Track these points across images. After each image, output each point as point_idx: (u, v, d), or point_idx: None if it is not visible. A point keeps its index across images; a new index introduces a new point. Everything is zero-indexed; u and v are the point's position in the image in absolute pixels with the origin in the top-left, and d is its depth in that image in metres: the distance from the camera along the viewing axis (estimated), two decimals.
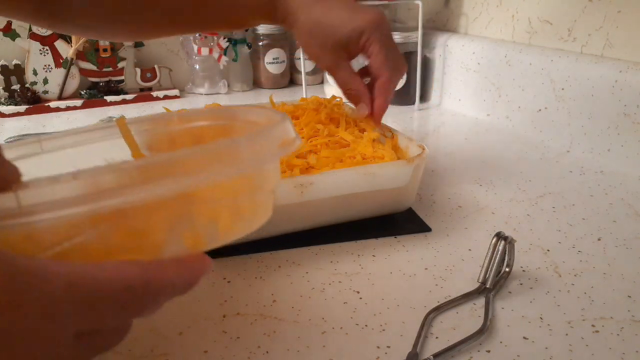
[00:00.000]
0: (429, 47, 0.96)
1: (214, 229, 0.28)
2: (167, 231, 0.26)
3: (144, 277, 0.24)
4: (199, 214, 0.27)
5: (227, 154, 0.26)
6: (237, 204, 0.29)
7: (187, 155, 0.25)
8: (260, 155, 0.28)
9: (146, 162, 0.25)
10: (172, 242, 0.26)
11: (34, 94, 0.95)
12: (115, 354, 0.34)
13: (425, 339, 0.35)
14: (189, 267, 0.26)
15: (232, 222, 0.29)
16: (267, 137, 0.29)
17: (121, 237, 0.25)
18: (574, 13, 0.72)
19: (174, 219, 0.26)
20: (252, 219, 0.31)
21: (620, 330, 0.36)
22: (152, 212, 0.25)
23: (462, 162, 0.68)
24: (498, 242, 0.41)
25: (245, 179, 0.29)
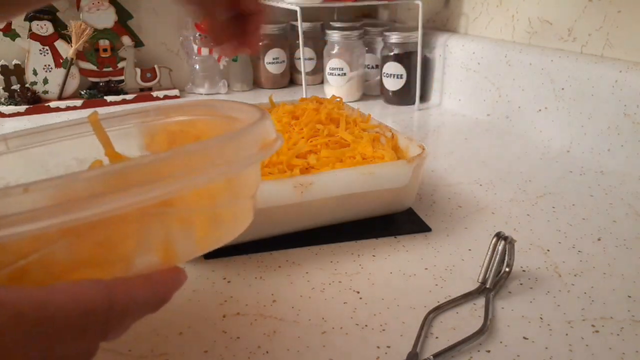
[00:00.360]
0: (429, 47, 0.96)
1: (189, 240, 0.26)
2: (137, 242, 0.24)
3: (106, 298, 0.21)
4: (171, 224, 0.25)
5: (203, 158, 0.24)
6: (214, 211, 0.27)
7: (159, 160, 0.23)
8: (238, 158, 0.26)
9: (115, 169, 0.23)
10: (143, 254, 0.25)
11: (34, 94, 0.95)
12: (115, 354, 0.34)
13: (425, 339, 0.35)
14: (159, 283, 0.24)
15: (208, 231, 0.27)
16: (246, 139, 0.27)
17: (88, 250, 0.23)
18: (574, 13, 0.72)
19: (144, 230, 0.24)
20: (231, 227, 0.29)
21: (620, 330, 0.36)
22: (121, 222, 0.23)
23: (462, 162, 0.68)
24: (498, 242, 0.41)
25: (223, 185, 0.27)
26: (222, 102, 0.36)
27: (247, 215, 0.31)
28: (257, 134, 0.27)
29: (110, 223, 0.23)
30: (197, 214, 0.26)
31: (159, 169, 0.23)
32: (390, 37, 0.92)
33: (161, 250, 0.25)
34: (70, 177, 0.22)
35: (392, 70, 0.93)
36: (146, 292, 0.23)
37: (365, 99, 1.01)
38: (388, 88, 0.95)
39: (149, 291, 0.23)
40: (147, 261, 0.25)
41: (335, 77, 0.97)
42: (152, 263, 0.25)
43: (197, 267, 0.44)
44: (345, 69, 0.96)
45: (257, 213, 0.43)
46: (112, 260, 0.24)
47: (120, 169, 0.22)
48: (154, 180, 0.22)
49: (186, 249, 0.26)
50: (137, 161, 0.23)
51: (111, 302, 0.22)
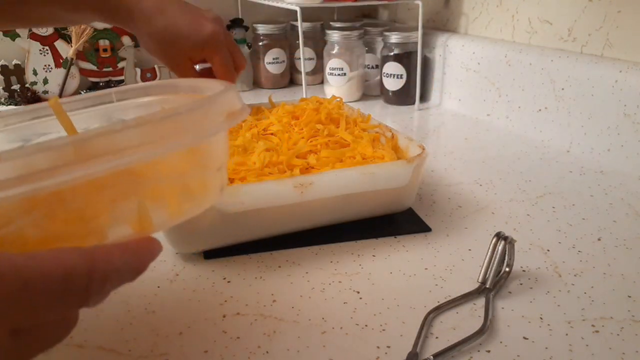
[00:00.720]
0: (429, 47, 0.96)
1: (160, 210, 0.26)
2: (109, 214, 0.24)
3: (86, 264, 0.22)
4: (143, 194, 0.25)
5: (169, 127, 0.24)
6: (183, 182, 0.27)
7: (125, 128, 0.23)
8: (204, 126, 0.26)
9: (80, 138, 0.22)
10: (116, 226, 0.25)
11: (34, 94, 0.95)
12: (115, 354, 0.35)
13: (425, 339, 0.35)
14: (136, 251, 0.24)
15: (179, 202, 0.27)
16: (211, 107, 0.26)
17: (58, 224, 0.23)
18: (574, 13, 0.72)
19: (115, 201, 0.24)
20: (201, 198, 0.29)
21: (620, 330, 0.36)
22: (91, 193, 0.23)
23: (462, 162, 0.68)
24: (498, 242, 0.41)
25: (190, 154, 0.27)
26: (185, 80, 0.37)
27: (217, 186, 0.31)
28: (221, 104, 0.27)
29: (79, 195, 0.23)
30: (165, 184, 0.26)
31: (124, 138, 0.22)
32: (390, 37, 0.92)
33: (133, 221, 0.25)
34: (34, 147, 0.21)
35: (392, 70, 0.93)
36: (124, 258, 0.23)
37: (365, 99, 1.01)
38: (388, 88, 0.95)
39: (126, 257, 0.24)
40: (120, 233, 0.25)
41: (335, 77, 0.97)
42: (125, 235, 0.25)
43: (197, 267, 0.44)
44: (345, 69, 0.96)
45: (257, 213, 0.44)
46: (84, 234, 0.24)
47: (85, 137, 0.22)
48: (119, 149, 0.22)
49: (158, 220, 0.26)
50: (103, 130, 0.22)
51: (91, 266, 0.22)
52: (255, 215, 0.44)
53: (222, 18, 0.56)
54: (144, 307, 0.39)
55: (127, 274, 0.24)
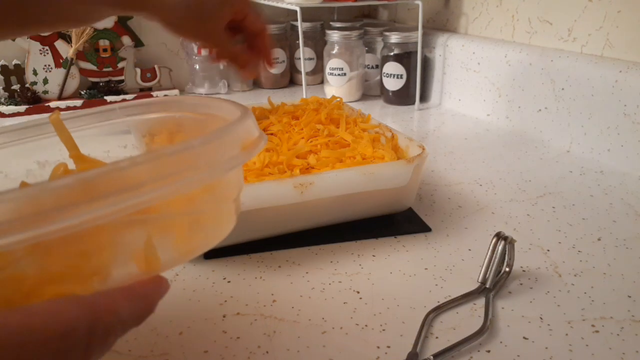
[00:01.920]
0: (429, 47, 0.96)
1: (169, 247, 0.25)
2: (113, 252, 0.23)
3: (87, 318, 0.20)
4: (150, 232, 0.24)
5: (181, 163, 0.22)
6: (194, 217, 0.26)
7: (135, 164, 0.21)
8: (219, 162, 0.24)
9: (88, 176, 0.20)
10: (121, 264, 0.23)
11: (34, 94, 0.95)
12: (115, 354, 0.34)
13: (425, 339, 0.35)
14: (143, 295, 0.23)
15: (190, 237, 0.26)
16: (227, 139, 0.24)
17: (60, 263, 0.21)
18: (574, 13, 0.72)
19: (120, 239, 0.23)
20: (213, 232, 0.27)
21: (620, 330, 0.36)
22: (95, 233, 0.21)
23: (462, 162, 0.68)
24: (498, 242, 0.41)
25: (204, 190, 0.25)
26: (191, 97, 0.35)
27: (230, 219, 0.29)
28: (238, 134, 0.25)
29: (83, 234, 0.21)
30: (176, 220, 0.25)
31: (133, 176, 0.21)
32: (390, 37, 0.92)
33: (140, 259, 0.24)
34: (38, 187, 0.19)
35: (392, 70, 0.93)
36: (129, 306, 0.22)
37: (365, 99, 1.01)
38: (388, 88, 0.95)
39: (132, 305, 0.22)
40: (126, 272, 0.23)
41: (335, 77, 0.97)
42: (131, 274, 0.23)
43: (197, 267, 0.44)
44: (345, 69, 0.96)
45: (257, 213, 0.44)
46: (86, 273, 0.22)
47: (92, 176, 0.20)
48: (128, 188, 0.20)
49: (167, 258, 0.25)
50: (110, 167, 0.21)
51: (93, 320, 0.20)
52: (255, 215, 0.44)
53: None
54: None
55: (133, 322, 0.22)
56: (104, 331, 0.21)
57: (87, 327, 0.20)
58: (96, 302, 0.21)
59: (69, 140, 0.30)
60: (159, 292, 0.23)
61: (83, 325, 0.20)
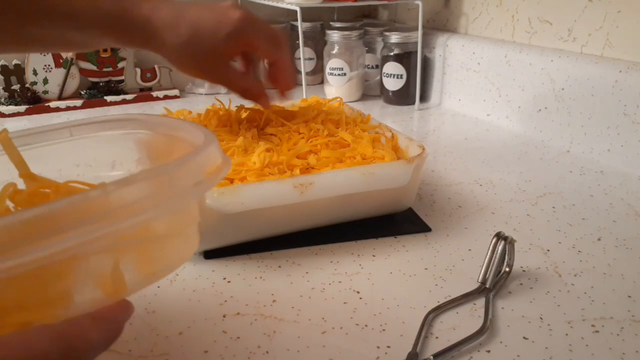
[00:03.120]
0: (429, 47, 0.96)
1: (134, 272, 0.24)
2: (74, 281, 0.22)
3: (60, 346, 0.20)
4: (116, 257, 0.23)
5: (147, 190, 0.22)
6: (157, 242, 0.25)
7: (91, 198, 0.21)
8: (181, 192, 0.24)
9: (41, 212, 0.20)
10: (84, 292, 0.23)
11: (34, 94, 0.95)
12: (115, 354, 0.34)
13: (425, 339, 0.35)
14: (111, 319, 0.23)
15: (153, 262, 0.26)
16: (192, 166, 0.24)
17: (17, 295, 0.21)
18: (574, 13, 0.72)
19: (81, 267, 0.22)
20: (178, 256, 0.28)
21: (620, 330, 0.36)
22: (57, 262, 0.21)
23: (462, 162, 0.68)
24: (498, 242, 0.41)
25: (165, 219, 0.25)
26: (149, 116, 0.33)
27: (194, 241, 0.29)
28: (202, 161, 0.25)
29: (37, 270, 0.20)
30: (137, 246, 0.24)
31: (91, 208, 0.20)
32: (390, 37, 0.92)
33: (106, 285, 0.23)
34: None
35: (392, 70, 0.93)
36: (99, 331, 0.22)
37: (365, 99, 1.01)
38: (388, 88, 0.95)
39: (101, 330, 0.22)
40: (91, 298, 0.23)
41: (335, 77, 0.97)
42: (96, 299, 0.23)
43: (197, 267, 0.44)
44: (345, 69, 0.96)
45: (257, 213, 0.44)
46: (48, 301, 0.22)
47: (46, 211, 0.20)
48: (89, 221, 0.20)
49: (132, 282, 0.24)
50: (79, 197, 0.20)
51: (65, 349, 0.20)
52: (255, 215, 0.44)
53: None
54: (144, 307, 0.39)
55: (102, 346, 0.22)
56: (76, 356, 0.20)
57: (59, 357, 0.20)
58: (67, 330, 0.20)
59: (18, 160, 0.30)
60: (126, 315, 0.23)
61: (55, 355, 0.19)
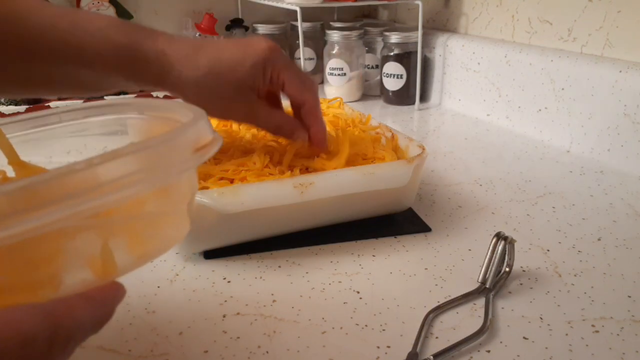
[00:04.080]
0: (429, 47, 0.96)
1: (124, 252, 0.24)
2: (66, 258, 0.22)
3: (47, 326, 0.19)
4: (105, 236, 0.23)
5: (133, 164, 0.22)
6: (148, 221, 0.25)
7: (83, 168, 0.20)
8: (169, 166, 0.23)
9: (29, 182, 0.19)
10: (74, 271, 0.23)
11: None
12: (115, 354, 0.35)
13: (425, 339, 0.35)
14: (102, 301, 0.22)
15: (144, 242, 0.25)
16: (179, 142, 0.24)
17: (5, 274, 0.21)
18: (574, 13, 0.72)
19: (73, 245, 0.22)
20: (167, 238, 0.27)
21: (620, 330, 0.36)
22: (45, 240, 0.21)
23: (462, 162, 0.68)
24: (498, 242, 0.41)
25: (156, 193, 0.25)
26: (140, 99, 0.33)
27: (184, 223, 0.28)
28: (190, 136, 0.25)
29: (31, 242, 0.20)
30: (129, 224, 0.24)
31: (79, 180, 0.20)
32: (390, 37, 0.92)
33: (96, 265, 0.23)
34: None
35: (392, 70, 0.93)
36: (89, 312, 0.21)
37: (365, 99, 1.01)
38: (388, 88, 0.95)
39: (91, 311, 0.22)
40: (80, 279, 0.23)
41: (335, 77, 0.97)
42: (86, 280, 0.23)
43: (197, 267, 0.44)
44: (345, 69, 0.96)
45: (257, 213, 0.44)
46: (37, 282, 0.21)
47: (33, 182, 0.19)
48: (75, 194, 0.20)
49: (122, 262, 0.24)
50: (63, 170, 0.20)
51: (54, 328, 0.20)
52: (255, 215, 0.44)
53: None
54: (144, 307, 0.39)
55: (93, 328, 0.22)
56: (64, 338, 0.20)
57: (47, 335, 0.19)
58: (55, 309, 0.20)
59: (7, 147, 0.29)
60: (117, 298, 0.23)
61: (43, 333, 0.19)
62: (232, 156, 0.49)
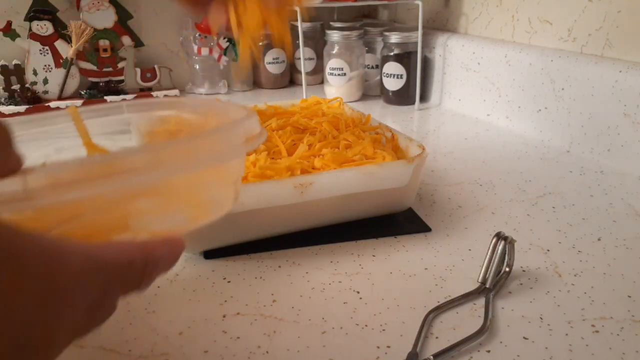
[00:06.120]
0: (429, 47, 0.96)
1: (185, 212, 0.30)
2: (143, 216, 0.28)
3: (142, 254, 0.25)
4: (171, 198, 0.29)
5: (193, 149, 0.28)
6: (203, 192, 0.31)
7: (161, 147, 0.27)
8: (225, 149, 0.29)
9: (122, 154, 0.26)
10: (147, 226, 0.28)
11: (34, 94, 0.95)
12: (115, 354, 0.35)
13: (425, 339, 0.35)
14: (173, 245, 0.28)
15: (201, 206, 0.31)
16: (233, 133, 0.30)
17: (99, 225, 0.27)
18: (574, 13, 0.72)
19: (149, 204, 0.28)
20: (216, 208, 0.33)
21: (620, 330, 0.36)
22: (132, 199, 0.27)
23: (462, 162, 0.68)
24: (498, 242, 0.41)
25: (210, 171, 0.31)
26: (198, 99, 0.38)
27: (232, 196, 0.34)
28: (244, 128, 0.30)
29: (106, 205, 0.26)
30: (191, 191, 0.30)
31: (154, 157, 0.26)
32: (390, 37, 0.92)
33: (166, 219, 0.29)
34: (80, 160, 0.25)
35: (392, 70, 0.93)
36: (166, 251, 0.27)
37: (365, 99, 1.01)
38: (388, 88, 0.95)
39: (166, 251, 0.27)
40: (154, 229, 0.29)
41: (335, 77, 0.97)
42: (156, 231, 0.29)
43: (197, 267, 0.44)
44: (345, 69, 0.96)
45: (257, 213, 0.44)
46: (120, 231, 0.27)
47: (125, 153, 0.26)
48: (148, 166, 0.25)
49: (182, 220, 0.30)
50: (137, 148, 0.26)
51: (146, 256, 0.25)
52: (255, 215, 0.44)
53: None
54: (144, 307, 0.39)
55: (167, 263, 0.28)
56: (152, 266, 0.26)
57: (141, 262, 0.25)
58: (146, 245, 0.26)
59: (83, 131, 0.35)
60: (180, 247, 0.28)
61: (139, 260, 0.25)
62: None
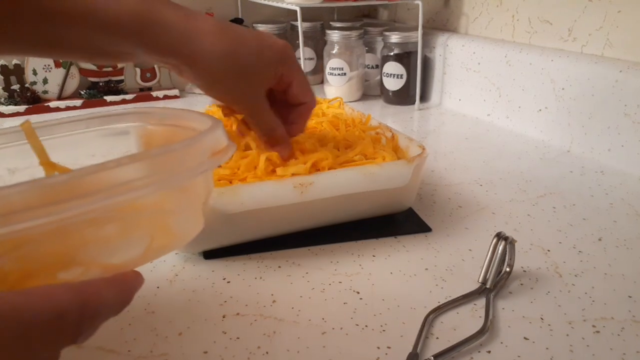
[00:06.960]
0: (429, 47, 0.96)
1: (144, 243, 0.26)
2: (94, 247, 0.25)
3: (78, 302, 0.22)
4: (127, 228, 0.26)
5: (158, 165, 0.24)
6: (163, 218, 0.27)
7: (110, 167, 0.23)
8: (187, 168, 0.26)
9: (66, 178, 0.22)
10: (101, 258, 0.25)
11: (33, 94, 0.95)
12: (115, 354, 0.34)
13: (425, 340, 0.35)
14: (123, 285, 0.25)
15: (162, 235, 0.27)
16: (198, 147, 0.26)
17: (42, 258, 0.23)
18: (574, 13, 0.72)
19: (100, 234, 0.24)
20: (181, 235, 0.29)
21: (621, 330, 0.36)
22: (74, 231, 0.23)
23: (462, 162, 0.68)
24: (498, 242, 0.41)
25: (172, 194, 0.27)
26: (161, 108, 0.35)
27: (199, 221, 0.31)
28: (208, 142, 0.27)
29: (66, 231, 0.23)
30: (148, 218, 0.26)
31: (102, 179, 0.23)
32: (390, 37, 0.92)
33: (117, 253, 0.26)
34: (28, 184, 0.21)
35: (392, 70, 0.93)
36: (113, 293, 0.24)
37: (365, 99, 1.01)
38: (388, 88, 0.95)
39: (115, 293, 0.24)
40: (105, 265, 0.25)
41: (335, 77, 0.97)
42: (108, 267, 0.25)
43: (197, 267, 0.44)
44: (345, 69, 0.96)
45: (257, 213, 0.44)
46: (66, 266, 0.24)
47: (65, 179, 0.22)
48: (96, 191, 0.22)
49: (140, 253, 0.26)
50: (81, 172, 0.22)
51: (83, 304, 0.22)
52: (255, 215, 0.44)
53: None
54: (143, 307, 0.39)
55: (114, 308, 0.24)
56: (92, 315, 0.23)
57: (78, 310, 0.22)
58: (85, 288, 0.23)
59: (39, 148, 0.31)
60: (136, 284, 0.25)
61: (74, 308, 0.22)
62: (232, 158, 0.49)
